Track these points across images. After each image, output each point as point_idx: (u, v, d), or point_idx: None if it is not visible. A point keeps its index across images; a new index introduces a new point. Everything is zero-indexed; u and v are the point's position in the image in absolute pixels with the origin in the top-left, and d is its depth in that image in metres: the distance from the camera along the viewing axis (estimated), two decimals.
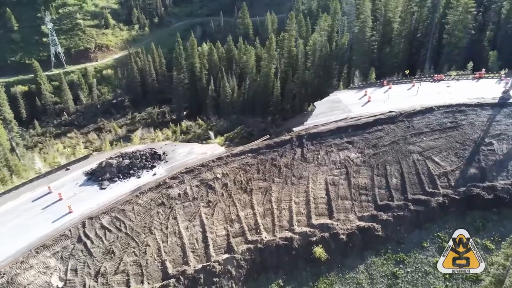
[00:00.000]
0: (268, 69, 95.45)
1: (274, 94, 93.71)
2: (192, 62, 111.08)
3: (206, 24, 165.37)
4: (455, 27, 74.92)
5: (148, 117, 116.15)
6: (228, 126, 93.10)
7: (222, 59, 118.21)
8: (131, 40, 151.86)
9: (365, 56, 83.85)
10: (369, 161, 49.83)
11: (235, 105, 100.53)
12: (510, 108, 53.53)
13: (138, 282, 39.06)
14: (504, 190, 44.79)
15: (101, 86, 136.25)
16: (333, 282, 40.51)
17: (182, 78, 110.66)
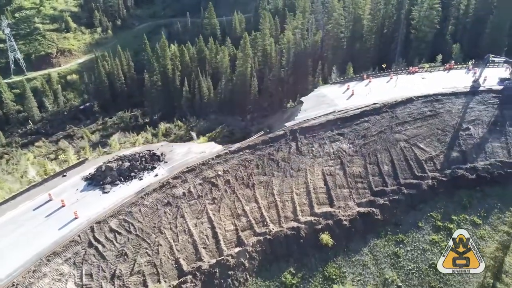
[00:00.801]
0: (244, 68, 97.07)
1: (252, 92, 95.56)
2: (164, 63, 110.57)
3: (171, 26, 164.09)
4: (422, 23, 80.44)
5: (120, 121, 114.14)
6: (208, 126, 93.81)
7: (194, 59, 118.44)
8: (94, 44, 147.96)
9: (339, 53, 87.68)
10: (361, 151, 53.09)
11: (212, 105, 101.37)
12: (481, 95, 58.78)
13: (154, 281, 39.76)
14: (485, 170, 49.56)
15: (66, 92, 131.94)
16: (341, 265, 43.22)
17: (155, 80, 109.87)
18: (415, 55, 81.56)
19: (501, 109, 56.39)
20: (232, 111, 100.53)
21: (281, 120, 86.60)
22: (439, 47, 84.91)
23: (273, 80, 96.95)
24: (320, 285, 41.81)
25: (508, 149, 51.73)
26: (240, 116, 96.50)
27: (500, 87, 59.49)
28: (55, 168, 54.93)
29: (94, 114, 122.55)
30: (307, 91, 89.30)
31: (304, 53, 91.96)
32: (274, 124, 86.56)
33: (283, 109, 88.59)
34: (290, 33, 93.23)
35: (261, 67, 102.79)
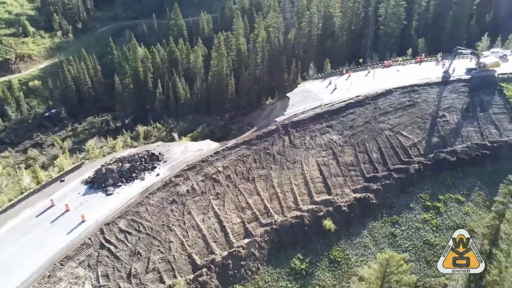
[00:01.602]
0: (219, 68, 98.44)
1: (229, 91, 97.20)
2: (135, 66, 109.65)
3: (135, 27, 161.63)
4: (390, 19, 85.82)
5: (90, 127, 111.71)
6: (187, 126, 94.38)
7: (164, 61, 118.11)
8: (55, 48, 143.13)
9: (312, 50, 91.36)
10: (350, 141, 56.59)
11: (189, 106, 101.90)
12: (452, 85, 64.24)
13: (170, 277, 40.84)
14: (463, 153, 54.62)
15: (29, 99, 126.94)
16: (344, 248, 46.29)
17: (127, 83, 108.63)
18: (385, 50, 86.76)
19: (471, 96, 62.02)
20: (209, 111, 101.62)
21: (260, 118, 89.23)
22: (406, 41, 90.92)
23: (249, 79, 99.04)
24: (327, 268, 44.61)
25: (481, 132, 57.16)
26: (219, 116, 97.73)
27: (468, 77, 65.21)
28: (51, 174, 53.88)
29: (62, 120, 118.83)
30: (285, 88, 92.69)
31: (278, 51, 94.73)
32: (254, 121, 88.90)
33: (262, 107, 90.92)
34: (263, 32, 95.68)
35: (235, 66, 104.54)
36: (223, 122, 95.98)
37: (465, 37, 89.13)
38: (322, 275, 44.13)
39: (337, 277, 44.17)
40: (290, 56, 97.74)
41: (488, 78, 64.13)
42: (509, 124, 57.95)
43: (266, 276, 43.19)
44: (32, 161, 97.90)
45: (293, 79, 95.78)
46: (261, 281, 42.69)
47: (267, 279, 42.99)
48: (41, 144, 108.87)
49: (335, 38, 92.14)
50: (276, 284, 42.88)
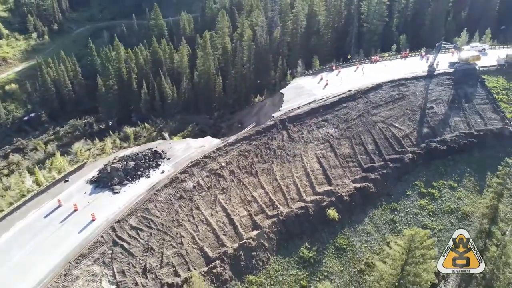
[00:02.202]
0: (205, 67, 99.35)
1: (217, 90, 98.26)
2: (118, 66, 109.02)
3: (112, 28, 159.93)
4: (373, 16, 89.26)
5: (73, 130, 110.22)
6: (176, 126, 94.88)
7: (147, 61, 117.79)
8: (30, 51, 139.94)
9: (298, 47, 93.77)
10: (346, 134, 59.05)
11: (176, 106, 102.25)
12: (437, 78, 67.90)
13: (185, 270, 41.89)
14: (453, 141, 58.09)
15: (6, 103, 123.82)
16: (348, 236, 48.56)
17: (111, 84, 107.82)
18: (368, 46, 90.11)
19: (456, 88, 65.82)
20: (197, 110, 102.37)
21: (250, 115, 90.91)
22: (388, 38, 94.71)
23: (236, 77, 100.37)
24: (333, 255, 46.76)
25: (468, 122, 60.86)
26: (207, 115, 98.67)
27: (451, 70, 69.03)
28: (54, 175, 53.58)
29: (42, 124, 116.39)
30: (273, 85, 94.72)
31: (264, 50, 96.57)
32: (244, 119, 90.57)
33: (251, 104, 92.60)
34: (249, 30, 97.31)
35: (221, 65, 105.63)
36: (212, 120, 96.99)
37: (443, 33, 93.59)
38: (329, 262, 46.21)
39: (343, 263, 46.36)
40: (276, 54, 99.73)
41: (470, 71, 68.17)
42: (493, 114, 61.94)
43: (277, 265, 44.86)
44: (15, 166, 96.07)
45: (280, 76, 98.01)
46: (272, 271, 44.31)
47: (278, 268, 44.66)
48: (23, 149, 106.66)
49: (320, 35, 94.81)
50: (287, 272, 44.62)
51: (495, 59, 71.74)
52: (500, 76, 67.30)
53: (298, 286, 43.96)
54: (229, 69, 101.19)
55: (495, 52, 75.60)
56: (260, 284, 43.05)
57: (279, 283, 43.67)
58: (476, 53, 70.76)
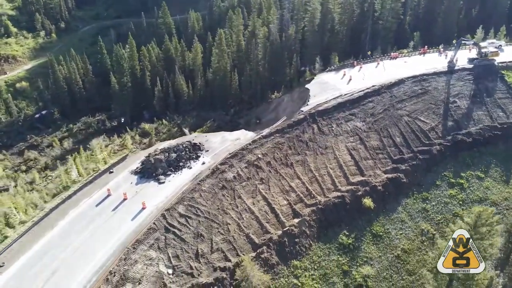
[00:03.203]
0: (221, 64, 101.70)
1: (233, 87, 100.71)
2: (132, 64, 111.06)
3: (118, 27, 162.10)
4: (388, 14, 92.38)
5: (86, 127, 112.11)
6: (194, 122, 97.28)
7: (159, 59, 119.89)
8: (38, 49, 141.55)
9: (314, 45, 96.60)
10: (373, 127, 61.88)
11: (192, 102, 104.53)
12: (458, 73, 71.03)
13: (234, 256, 44.37)
14: (477, 134, 61.15)
15: (17, 101, 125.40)
16: (383, 224, 51.36)
17: (125, 81, 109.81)
18: (383, 43, 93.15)
19: (476, 83, 68.95)
20: (213, 107, 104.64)
21: (268, 111, 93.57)
22: (401, 35, 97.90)
23: (251, 74, 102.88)
24: (371, 242, 49.54)
25: (490, 115, 64.01)
26: (223, 111, 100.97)
27: (471, 66, 72.19)
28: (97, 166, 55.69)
29: (54, 121, 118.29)
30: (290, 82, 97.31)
31: (280, 47, 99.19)
32: (261, 115, 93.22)
33: (269, 100, 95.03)
34: (265, 28, 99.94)
35: (235, 62, 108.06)
36: (228, 117, 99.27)
37: (455, 30, 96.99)
38: (367, 248, 48.95)
39: (381, 249, 49.13)
40: (290, 52, 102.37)
41: (489, 67, 71.43)
42: None
43: (318, 251, 47.48)
44: (32, 163, 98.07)
45: (294, 73, 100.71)
46: (314, 256, 46.93)
47: (320, 254, 47.29)
48: (37, 145, 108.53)
49: (335, 33, 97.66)
50: (329, 258, 47.27)
51: None
52: None
53: (340, 270, 46.61)
54: (244, 66, 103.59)
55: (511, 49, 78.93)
56: (305, 268, 45.65)
57: (322, 267, 46.28)
58: (494, 49, 73.97)
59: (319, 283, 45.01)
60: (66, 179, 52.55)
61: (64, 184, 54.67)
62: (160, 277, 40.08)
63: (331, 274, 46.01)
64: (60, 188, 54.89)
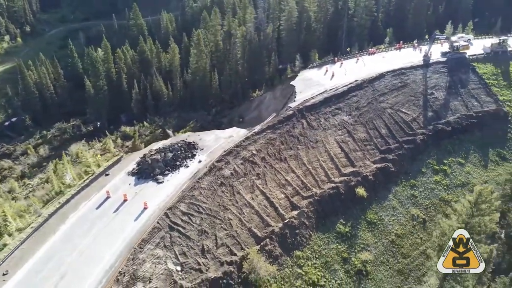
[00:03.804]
0: (200, 65, 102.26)
1: (213, 87, 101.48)
2: (108, 67, 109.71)
3: (87, 29, 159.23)
4: (362, 11, 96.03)
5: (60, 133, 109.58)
6: (176, 123, 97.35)
7: (134, 61, 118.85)
8: (3, 54, 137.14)
9: (292, 43, 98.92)
10: (359, 120, 64.60)
11: (172, 103, 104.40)
12: (433, 66, 75.16)
13: (239, 250, 45.52)
14: (456, 123, 65.17)
15: None
16: (377, 211, 53.99)
17: (101, 85, 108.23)
18: (359, 40, 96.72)
19: (451, 75, 73.30)
20: (194, 107, 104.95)
21: (250, 109, 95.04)
22: (375, 32, 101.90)
23: (231, 73, 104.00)
24: (366, 229, 52.05)
25: (466, 105, 68.32)
26: (205, 111, 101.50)
27: (444, 59, 76.50)
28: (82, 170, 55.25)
29: (26, 128, 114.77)
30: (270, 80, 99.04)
31: (258, 46, 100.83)
32: (244, 113, 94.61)
33: (250, 99, 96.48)
34: (243, 27, 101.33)
35: (213, 62, 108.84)
36: (210, 116, 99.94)
37: (425, 26, 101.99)
38: (363, 235, 51.38)
39: (376, 236, 51.72)
40: (268, 50, 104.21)
41: (461, 59, 76.03)
42: (486, 97, 69.85)
43: (318, 241, 49.40)
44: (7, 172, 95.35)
45: (273, 72, 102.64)
46: (315, 246, 48.81)
47: (320, 243, 49.22)
48: (9, 154, 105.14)
49: (312, 31, 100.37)
50: (328, 246, 49.29)
51: (480, 48, 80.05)
52: (488, 63, 75.65)
53: (340, 258, 48.73)
54: (223, 66, 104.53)
55: (478, 42, 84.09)
56: (307, 258, 47.42)
57: (323, 256, 48.22)
58: (465, 43, 78.66)
59: (321, 271, 46.88)
60: (58, 184, 51.85)
61: (57, 189, 53.97)
62: (169, 275, 40.64)
63: (332, 262, 48.01)
64: (51, 193, 54.10)
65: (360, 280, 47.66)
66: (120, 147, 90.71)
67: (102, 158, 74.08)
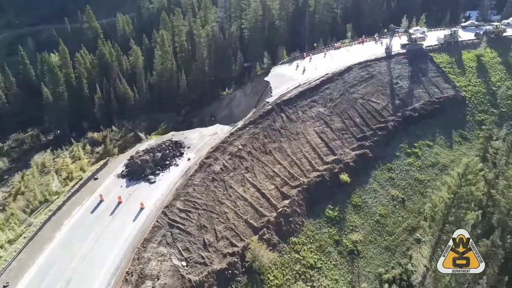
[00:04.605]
0: (165, 66, 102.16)
1: (181, 87, 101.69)
2: (67, 72, 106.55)
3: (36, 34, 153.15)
4: (323, 8, 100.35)
5: (18, 144, 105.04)
6: (146, 125, 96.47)
7: (94, 65, 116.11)
8: None
9: (258, 40, 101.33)
10: (334, 111, 68.13)
11: (138, 106, 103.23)
12: (395, 58, 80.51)
13: (238, 241, 47.11)
14: (421, 109, 70.50)
15: None
16: (360, 195, 57.60)
17: (61, 91, 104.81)
18: (321, 36, 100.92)
19: (412, 65, 78.90)
20: (162, 109, 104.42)
21: (221, 108, 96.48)
22: (335, 28, 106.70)
23: (198, 73, 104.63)
24: (353, 212, 55.56)
25: (428, 92, 74.00)
26: (175, 112, 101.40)
27: (404, 50, 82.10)
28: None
29: None
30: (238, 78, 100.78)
31: (224, 45, 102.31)
32: (215, 112, 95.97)
33: (220, 98, 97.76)
34: (208, 27, 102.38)
35: (179, 63, 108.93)
36: (180, 117, 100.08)
37: (381, 21, 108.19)
38: (351, 218, 54.75)
39: (362, 217, 55.31)
40: (234, 49, 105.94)
41: (419, 50, 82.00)
42: (445, 84, 75.98)
43: (311, 226, 52.07)
44: None
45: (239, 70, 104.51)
46: (308, 231, 51.43)
47: (312, 228, 51.89)
48: None
49: (276, 28, 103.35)
50: (320, 231, 52.08)
51: (435, 39, 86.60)
52: (443, 53, 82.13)
53: (332, 240, 51.71)
54: (188, 66, 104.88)
55: (431, 34, 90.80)
56: (302, 243, 49.87)
57: (317, 240, 50.94)
58: (421, 35, 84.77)
59: (317, 254, 49.58)
60: (43, 193, 50.57)
61: (40, 198, 52.56)
62: (176, 270, 41.40)
63: (325, 245, 50.87)
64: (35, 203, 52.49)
65: (353, 259, 50.89)
66: (90, 153, 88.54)
67: (77, 164, 72.63)
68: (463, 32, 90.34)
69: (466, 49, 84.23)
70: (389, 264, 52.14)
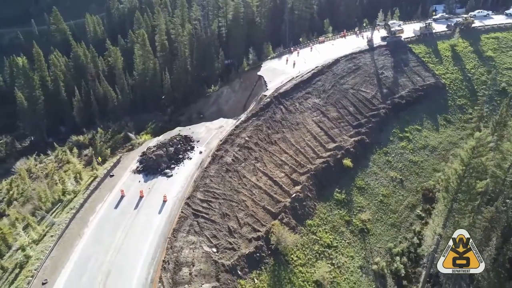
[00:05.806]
0: (146, 66, 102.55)
1: (165, 86, 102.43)
2: (42, 75, 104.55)
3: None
4: (302, 5, 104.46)
5: None
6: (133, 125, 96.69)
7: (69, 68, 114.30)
8: None
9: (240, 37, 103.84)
10: (329, 101, 72.12)
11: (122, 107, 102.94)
12: (377, 50, 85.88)
13: (260, 226, 49.82)
14: (408, 96, 75.96)
15: None
16: (363, 178, 61.84)
17: (37, 95, 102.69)
18: (301, 32, 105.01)
19: (394, 56, 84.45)
20: (147, 109, 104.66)
21: (208, 105, 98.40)
22: (313, 24, 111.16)
23: (181, 72, 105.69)
24: (358, 194, 59.70)
25: (412, 80, 79.74)
26: (160, 111, 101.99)
27: (385, 43, 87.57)
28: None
29: None
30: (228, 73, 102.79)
31: (206, 43, 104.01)
32: (203, 109, 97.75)
33: (207, 95, 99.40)
34: (189, 25, 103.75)
35: (160, 62, 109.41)
36: (166, 116, 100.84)
37: (356, 16, 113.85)
38: (357, 199, 58.77)
39: (367, 198, 59.53)
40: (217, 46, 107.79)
41: (399, 42, 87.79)
42: (426, 72, 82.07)
43: (322, 209, 55.56)
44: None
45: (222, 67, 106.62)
46: (321, 214, 54.91)
47: (324, 211, 55.40)
48: None
49: (256, 25, 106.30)
50: (331, 213, 55.69)
51: (411, 32, 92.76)
52: (420, 44, 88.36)
53: (343, 221, 55.51)
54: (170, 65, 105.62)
55: (406, 27, 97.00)
56: (317, 225, 53.26)
57: (330, 222, 54.50)
58: (400, 28, 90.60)
59: (332, 234, 53.13)
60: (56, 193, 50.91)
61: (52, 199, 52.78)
62: (208, 257, 43.47)
63: (338, 226, 54.51)
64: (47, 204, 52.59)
65: (364, 237, 54.89)
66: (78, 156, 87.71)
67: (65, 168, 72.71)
68: (435, 25, 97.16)
69: (441, 39, 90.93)
70: (396, 239, 56.66)
